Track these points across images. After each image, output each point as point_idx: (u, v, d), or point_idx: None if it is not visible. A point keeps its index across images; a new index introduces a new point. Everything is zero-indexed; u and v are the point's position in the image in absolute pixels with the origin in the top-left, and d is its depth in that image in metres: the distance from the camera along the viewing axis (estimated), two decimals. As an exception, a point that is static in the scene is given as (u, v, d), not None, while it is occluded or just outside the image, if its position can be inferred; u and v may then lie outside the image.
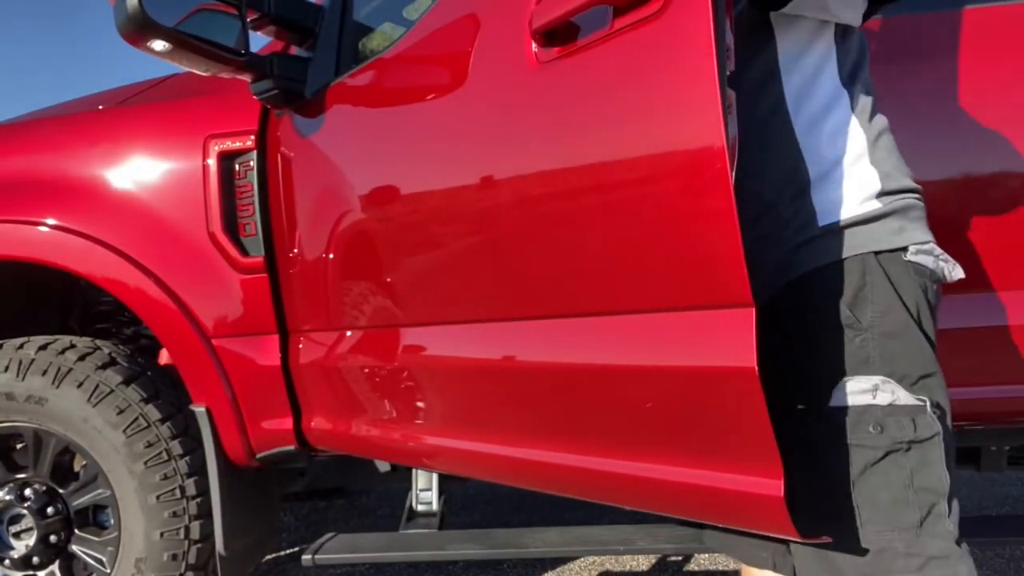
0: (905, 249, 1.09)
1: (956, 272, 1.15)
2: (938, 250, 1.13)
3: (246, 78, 1.66)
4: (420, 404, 1.66)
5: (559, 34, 1.12)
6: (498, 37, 1.24)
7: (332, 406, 1.80)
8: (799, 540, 1.00)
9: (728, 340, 0.95)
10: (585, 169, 1.11)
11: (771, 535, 1.13)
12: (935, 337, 1.10)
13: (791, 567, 1.20)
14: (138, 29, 1.40)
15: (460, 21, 1.36)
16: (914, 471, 1.03)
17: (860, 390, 1.05)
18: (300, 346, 1.82)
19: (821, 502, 1.05)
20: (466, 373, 1.45)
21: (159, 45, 1.44)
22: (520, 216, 1.23)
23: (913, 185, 1.14)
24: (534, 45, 1.15)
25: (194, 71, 1.56)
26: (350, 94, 1.64)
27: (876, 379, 1.05)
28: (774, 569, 1.25)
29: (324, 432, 1.81)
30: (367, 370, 1.72)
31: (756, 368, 0.91)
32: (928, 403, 1.05)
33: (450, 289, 1.43)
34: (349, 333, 1.73)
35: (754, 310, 0.92)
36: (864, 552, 1.03)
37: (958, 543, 1.04)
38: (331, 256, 1.74)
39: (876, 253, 1.08)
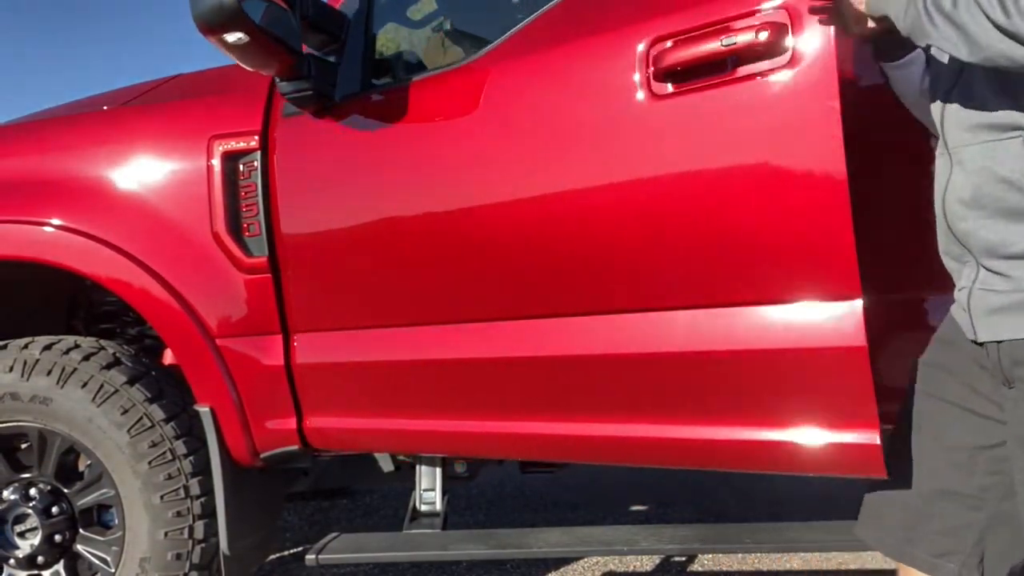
0: None
1: None
2: None
3: (283, 76, 1.66)
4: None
5: (678, 74, 1.36)
6: (603, 74, 1.45)
7: (335, 405, 1.80)
8: (886, 477, 1.27)
9: (845, 324, 1.28)
10: (708, 190, 1.35)
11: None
12: None
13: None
14: (227, 19, 1.40)
15: (549, 50, 1.51)
16: None
17: None
18: (303, 346, 1.82)
19: None
20: (541, 364, 1.59)
21: (233, 37, 1.44)
22: (626, 228, 1.45)
23: None
24: (652, 81, 1.38)
25: (243, 65, 1.56)
26: (392, 105, 1.67)
27: None
28: None
29: (327, 431, 1.81)
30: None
31: (867, 347, 1.25)
32: None
33: (519, 290, 1.57)
34: (353, 333, 1.73)
35: (862, 300, 1.26)
36: None
37: None
38: (336, 256, 1.74)
39: None
